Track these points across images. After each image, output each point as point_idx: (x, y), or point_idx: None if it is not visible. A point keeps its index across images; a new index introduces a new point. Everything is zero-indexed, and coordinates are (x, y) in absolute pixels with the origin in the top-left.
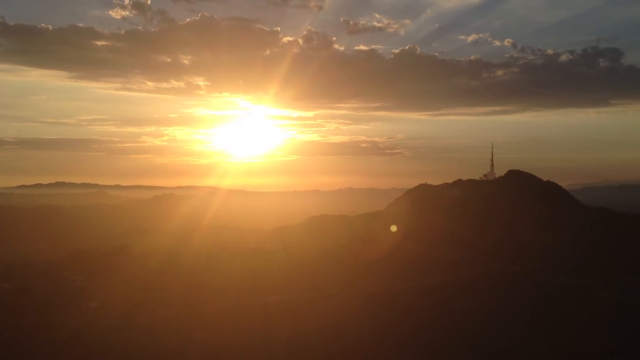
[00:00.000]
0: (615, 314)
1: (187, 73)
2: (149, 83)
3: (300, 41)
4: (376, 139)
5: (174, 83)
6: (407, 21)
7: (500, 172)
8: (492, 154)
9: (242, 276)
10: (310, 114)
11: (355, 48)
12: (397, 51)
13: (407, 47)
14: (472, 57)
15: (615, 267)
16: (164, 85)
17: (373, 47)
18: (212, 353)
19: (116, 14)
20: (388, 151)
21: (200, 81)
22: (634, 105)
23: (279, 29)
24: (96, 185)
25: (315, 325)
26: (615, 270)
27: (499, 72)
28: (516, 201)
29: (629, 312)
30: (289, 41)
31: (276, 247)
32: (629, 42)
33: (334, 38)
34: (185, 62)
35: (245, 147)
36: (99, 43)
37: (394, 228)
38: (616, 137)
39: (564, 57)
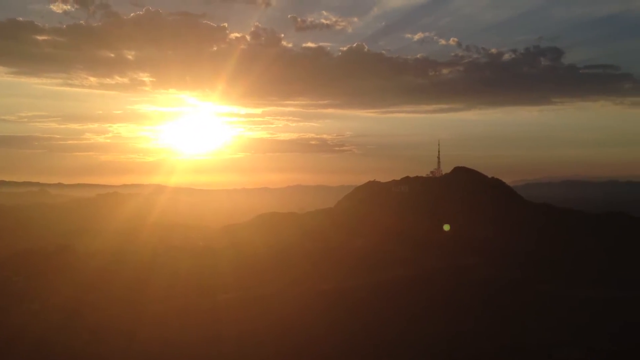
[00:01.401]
0: (558, 308)
1: (131, 69)
2: (92, 79)
3: (248, 37)
4: (325, 136)
5: (118, 79)
6: (355, 19)
7: (446, 169)
8: (439, 151)
9: (189, 275)
10: (258, 111)
11: (303, 45)
12: (344, 49)
13: (354, 45)
14: (418, 56)
15: (557, 261)
16: (108, 81)
17: (321, 44)
18: (157, 351)
19: (57, 7)
20: (337, 148)
21: (145, 77)
22: (574, 103)
23: (226, 24)
24: (37, 184)
25: (264, 322)
26: (557, 265)
27: (445, 71)
28: (462, 197)
29: (571, 305)
30: (236, 37)
31: (224, 245)
32: (569, 41)
33: (282, 35)
34: (130, 57)
35: (192, 144)
36: (40, 38)
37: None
38: (557, 134)
39: (507, 56)
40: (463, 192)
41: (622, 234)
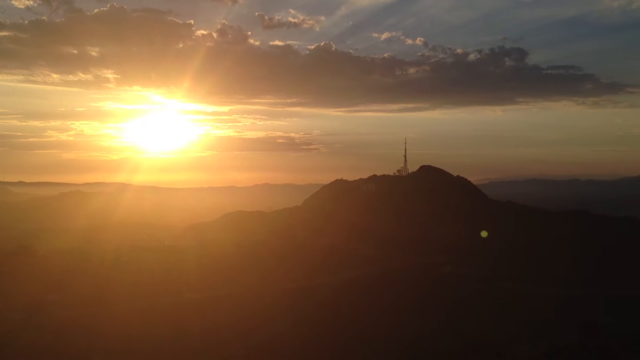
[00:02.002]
0: (522, 305)
1: (95, 65)
2: (55, 75)
3: (215, 35)
4: (292, 134)
5: (81, 76)
6: (322, 17)
7: (413, 167)
8: (406, 150)
9: (154, 274)
10: (225, 109)
11: (271, 43)
12: (312, 47)
13: (322, 44)
14: (385, 55)
15: (521, 258)
16: (71, 77)
17: (288, 42)
18: (120, 349)
19: (19, 3)
20: (304, 147)
21: (109, 74)
22: (537, 103)
23: (192, 21)
24: None
25: (230, 320)
26: (521, 262)
27: (412, 70)
28: (428, 196)
29: (534, 302)
30: (202, 34)
31: (191, 243)
32: (532, 42)
33: (249, 33)
34: (93, 54)
35: (157, 142)
36: (1, 33)
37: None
38: (521, 133)
39: (472, 56)
40: (429, 191)
41: (584, 232)
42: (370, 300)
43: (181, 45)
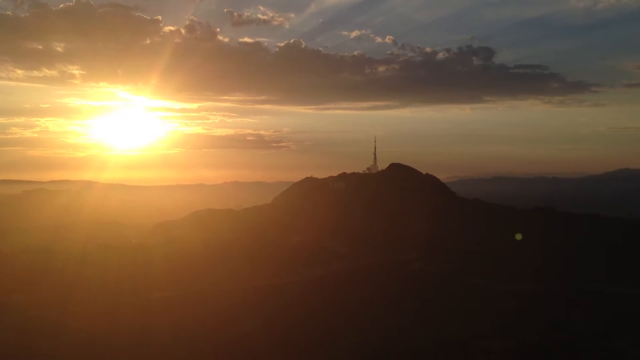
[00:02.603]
0: (489, 301)
1: (60, 61)
2: (19, 71)
3: (183, 31)
4: (262, 132)
5: (46, 72)
6: (292, 15)
7: (382, 165)
8: (375, 148)
9: (121, 273)
10: (194, 106)
11: (240, 40)
12: (282, 44)
13: (292, 41)
14: (355, 53)
15: (489, 255)
16: (35, 73)
17: (258, 39)
18: (86, 350)
19: None
20: (274, 144)
21: (75, 70)
22: (505, 101)
23: (160, 17)
24: None
25: (199, 319)
26: (489, 259)
27: (381, 68)
28: (398, 193)
29: (502, 299)
30: (170, 31)
31: (159, 242)
32: (500, 41)
33: (218, 29)
34: (59, 49)
35: (124, 139)
36: None
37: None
38: (489, 132)
39: (440, 55)
40: (399, 189)
41: (549, 229)
42: (340, 297)
43: (149, 42)
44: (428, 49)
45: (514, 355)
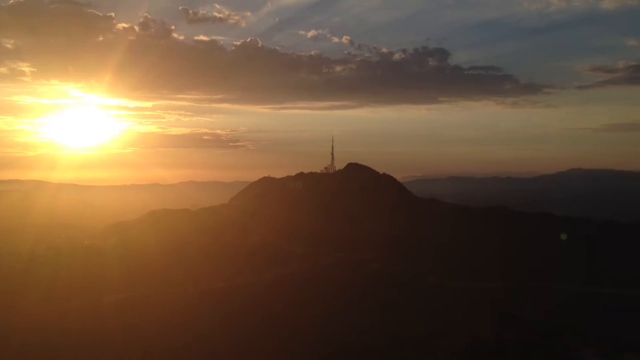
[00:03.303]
0: (445, 299)
1: (9, 58)
2: None
3: (137, 28)
4: (219, 131)
5: None
6: (248, 13)
7: (340, 165)
8: (333, 148)
9: (73, 276)
10: (148, 104)
11: (196, 38)
12: (238, 43)
13: (248, 40)
14: (312, 53)
15: (444, 254)
16: None
17: (214, 38)
18: (35, 357)
19: None
20: (231, 144)
21: (25, 67)
22: (459, 102)
23: (113, 14)
24: None
25: (154, 321)
26: (444, 257)
27: (338, 68)
28: (355, 193)
29: (457, 296)
30: (124, 28)
31: (113, 243)
32: (455, 43)
33: (173, 27)
34: (8, 46)
35: (77, 138)
36: None
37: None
38: (444, 132)
39: (397, 56)
40: (356, 188)
41: (503, 227)
42: (299, 298)
43: (101, 39)
44: (384, 50)
45: (468, 352)
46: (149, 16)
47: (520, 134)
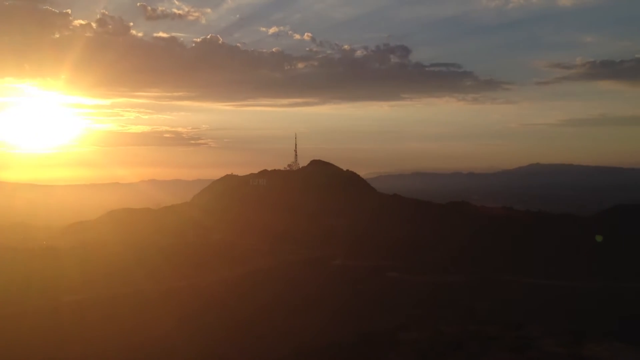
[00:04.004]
0: (406, 292)
1: None
2: None
3: (94, 25)
4: (180, 129)
5: None
6: (208, 10)
7: (303, 162)
8: (296, 145)
9: (29, 277)
10: (107, 102)
11: (155, 35)
12: (198, 40)
13: (208, 37)
14: (274, 49)
15: (407, 249)
16: None
17: (173, 34)
18: None
19: None
20: (192, 142)
21: None
22: (421, 99)
23: (69, 11)
24: None
25: (113, 322)
26: (407, 252)
27: (300, 65)
28: (319, 190)
29: (418, 290)
30: (81, 24)
31: (72, 244)
32: (416, 40)
33: (131, 23)
34: None
35: (32, 137)
36: None
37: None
38: (407, 128)
39: (358, 53)
40: (320, 185)
41: (465, 222)
42: (261, 295)
43: (58, 36)
44: (346, 47)
45: (429, 346)
46: (107, 13)
47: (481, 129)
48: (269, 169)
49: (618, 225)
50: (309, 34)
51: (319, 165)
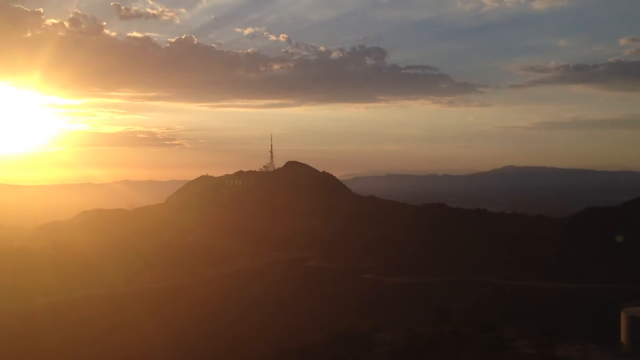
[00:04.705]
0: (381, 293)
1: None
2: None
3: (67, 24)
4: (154, 129)
5: None
6: (182, 10)
7: (279, 163)
8: (272, 146)
9: (1, 279)
10: (80, 102)
11: (128, 35)
12: (173, 40)
13: (183, 37)
14: (249, 50)
15: (382, 250)
16: None
17: (147, 34)
18: None
19: None
20: (167, 142)
21: None
22: (397, 101)
23: (41, 10)
24: None
25: (87, 324)
26: (381, 253)
27: (276, 66)
28: (294, 191)
29: (393, 291)
30: (53, 24)
31: (44, 245)
32: (391, 42)
33: (104, 23)
34: None
35: (3, 137)
36: None
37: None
38: (383, 130)
39: (334, 55)
40: (295, 186)
41: (440, 224)
42: (238, 296)
43: (29, 35)
44: (322, 48)
45: (404, 347)
46: (79, 12)
47: (456, 132)
48: (245, 170)
49: (589, 226)
50: (285, 35)
51: (294, 167)
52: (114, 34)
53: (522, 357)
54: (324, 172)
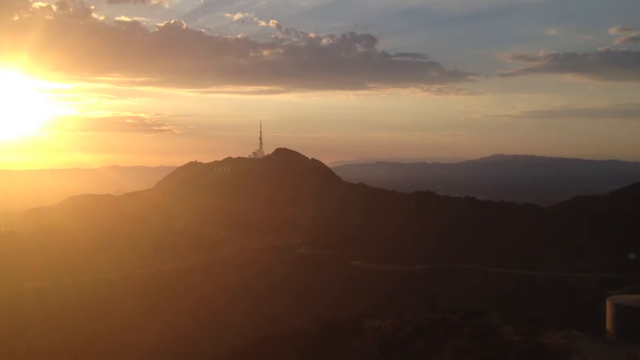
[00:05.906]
0: (370, 281)
1: None
2: None
3: (54, 8)
4: (142, 115)
5: None
6: None
7: (268, 150)
8: (261, 133)
9: None
10: (67, 86)
11: (117, 19)
12: (161, 25)
13: (172, 22)
14: (239, 36)
15: (370, 238)
16: None
17: (136, 18)
18: None
19: None
20: (155, 128)
21: None
22: (387, 89)
23: None
24: None
25: (77, 310)
26: (370, 241)
27: (266, 52)
28: (284, 178)
29: (382, 278)
30: (40, 7)
31: (31, 229)
32: (381, 29)
33: (93, 7)
34: None
35: None
36: None
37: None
38: (372, 118)
39: (324, 41)
40: (285, 173)
41: (429, 212)
42: (228, 282)
43: (17, 18)
44: (312, 35)
45: (392, 334)
46: None
47: (445, 120)
48: (234, 156)
49: (578, 215)
50: (275, 21)
51: (284, 154)
52: (102, 17)
53: (507, 343)
54: (313, 159)
